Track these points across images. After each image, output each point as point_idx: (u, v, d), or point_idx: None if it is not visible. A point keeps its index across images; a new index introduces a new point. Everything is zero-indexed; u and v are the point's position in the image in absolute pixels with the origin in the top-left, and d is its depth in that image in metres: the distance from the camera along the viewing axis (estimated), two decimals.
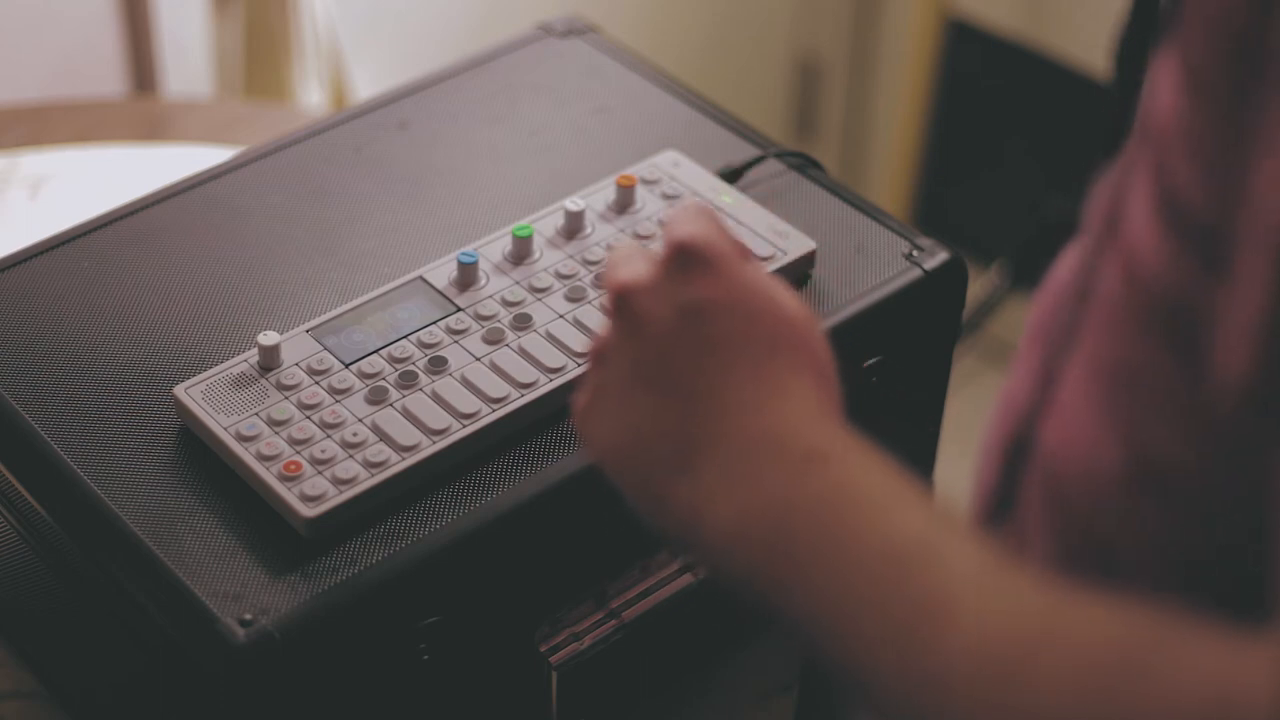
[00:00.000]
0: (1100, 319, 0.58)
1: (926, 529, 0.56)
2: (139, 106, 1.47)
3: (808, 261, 0.89)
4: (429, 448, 0.77)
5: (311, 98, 1.85)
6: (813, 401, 0.61)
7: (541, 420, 0.80)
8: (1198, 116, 0.51)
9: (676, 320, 0.62)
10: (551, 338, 0.83)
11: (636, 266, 0.64)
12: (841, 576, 0.56)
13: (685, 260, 0.62)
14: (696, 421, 0.61)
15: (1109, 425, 0.57)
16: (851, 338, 0.87)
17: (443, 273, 0.86)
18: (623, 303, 0.63)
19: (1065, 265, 0.65)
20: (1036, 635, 0.52)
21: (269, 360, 0.80)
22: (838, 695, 0.71)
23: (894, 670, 0.54)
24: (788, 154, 0.97)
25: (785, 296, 0.63)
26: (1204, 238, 0.52)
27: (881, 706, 0.55)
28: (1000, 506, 0.65)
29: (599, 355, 0.65)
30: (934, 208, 2.39)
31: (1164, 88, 0.53)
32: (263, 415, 0.78)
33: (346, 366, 0.81)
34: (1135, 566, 0.58)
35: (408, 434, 0.77)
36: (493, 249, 0.87)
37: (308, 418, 0.78)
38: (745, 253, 0.65)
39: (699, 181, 0.93)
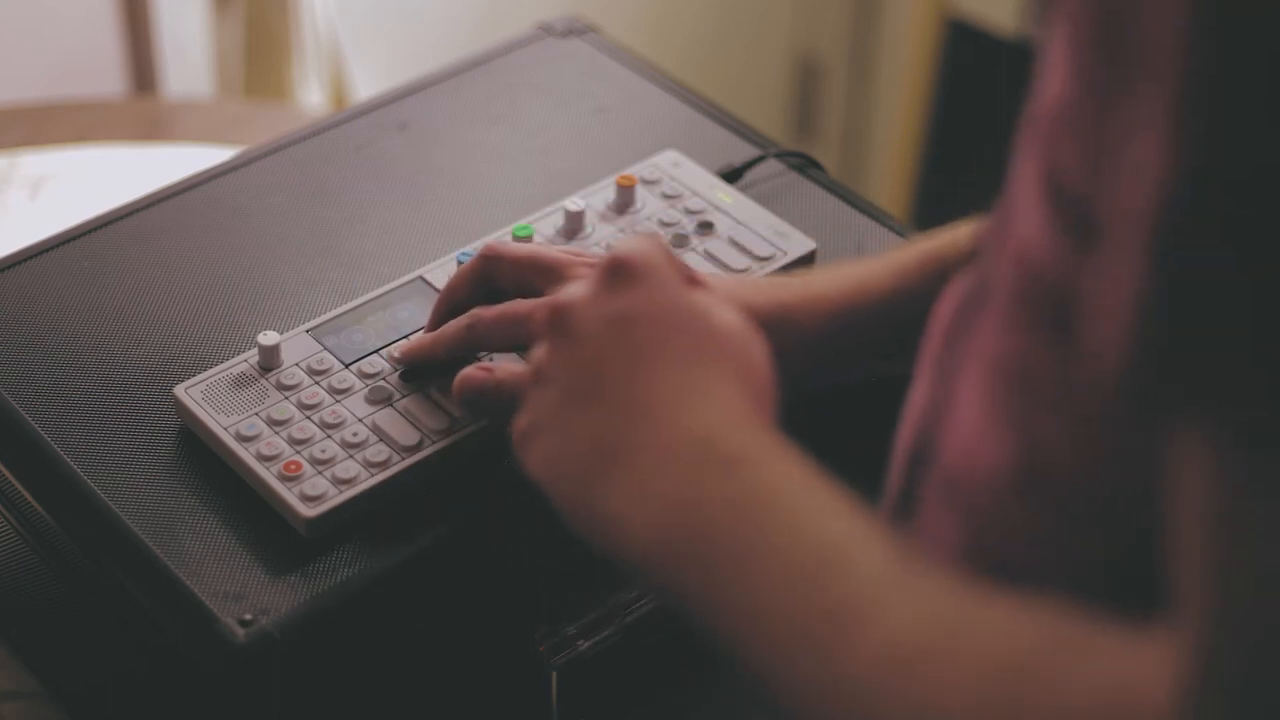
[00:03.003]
0: (993, 314, 0.57)
1: (841, 535, 0.56)
2: (139, 106, 1.48)
3: (808, 261, 0.89)
4: (429, 447, 0.77)
5: (311, 98, 1.85)
6: (735, 407, 0.61)
7: None
8: (1074, 89, 0.51)
9: (604, 330, 0.63)
10: None
11: (574, 287, 0.65)
12: (754, 583, 0.56)
13: (617, 274, 0.64)
14: (618, 426, 0.62)
15: (999, 421, 0.57)
16: None
17: (443, 273, 0.86)
18: (558, 319, 0.65)
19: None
20: (941, 640, 0.52)
21: (269, 360, 0.80)
22: None
23: (805, 678, 0.54)
24: (788, 154, 0.97)
25: (720, 312, 0.64)
26: (1079, 216, 0.51)
27: (796, 713, 0.55)
28: (902, 511, 0.64)
29: (537, 376, 0.66)
30: (934, 208, 2.39)
31: (1054, 64, 0.53)
32: (263, 415, 0.78)
33: (346, 366, 0.81)
34: (1029, 570, 0.57)
35: (408, 434, 0.77)
36: None
37: (308, 418, 0.78)
38: (691, 276, 0.65)
39: (699, 181, 0.93)
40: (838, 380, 0.82)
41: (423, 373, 0.80)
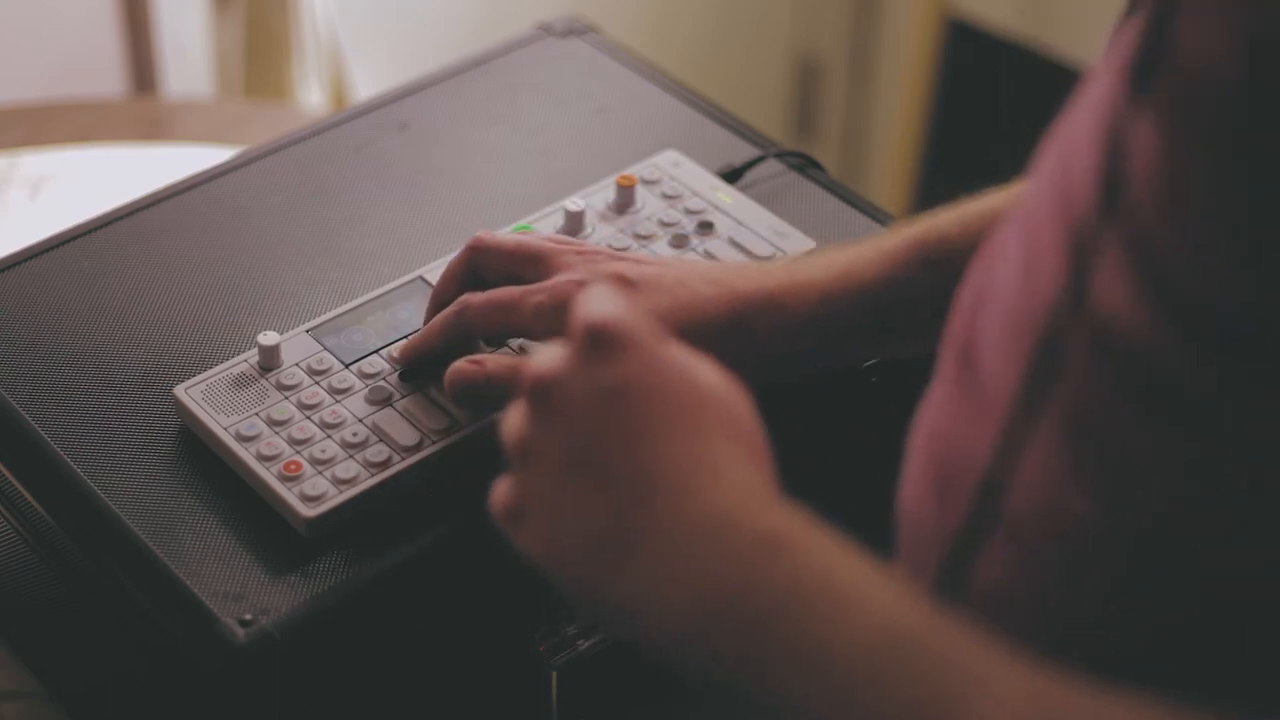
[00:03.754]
0: (1072, 384, 0.55)
1: (908, 614, 0.54)
2: (139, 106, 1.48)
3: None
4: (429, 447, 0.77)
5: (311, 98, 1.85)
6: (749, 480, 0.59)
7: None
8: (1173, 166, 0.49)
9: (596, 404, 0.59)
10: None
11: (549, 354, 0.61)
12: (830, 670, 0.54)
13: (598, 342, 0.59)
14: (630, 509, 0.58)
15: (1085, 479, 0.55)
16: None
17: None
18: (540, 393, 0.60)
19: (974, 278, 0.61)
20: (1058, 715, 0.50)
21: (269, 360, 0.80)
22: None
23: None
24: (788, 154, 0.97)
25: (705, 371, 0.61)
26: (1223, 328, 0.49)
27: None
28: (963, 556, 0.61)
29: (521, 453, 0.61)
30: (934, 208, 2.39)
31: (1141, 144, 0.50)
32: (263, 415, 0.78)
33: (346, 366, 0.81)
34: (1096, 629, 0.56)
35: (408, 434, 0.77)
36: None
37: (308, 418, 0.78)
38: (658, 331, 0.61)
39: (699, 181, 0.93)
40: (825, 366, 0.81)
41: (422, 373, 0.80)
